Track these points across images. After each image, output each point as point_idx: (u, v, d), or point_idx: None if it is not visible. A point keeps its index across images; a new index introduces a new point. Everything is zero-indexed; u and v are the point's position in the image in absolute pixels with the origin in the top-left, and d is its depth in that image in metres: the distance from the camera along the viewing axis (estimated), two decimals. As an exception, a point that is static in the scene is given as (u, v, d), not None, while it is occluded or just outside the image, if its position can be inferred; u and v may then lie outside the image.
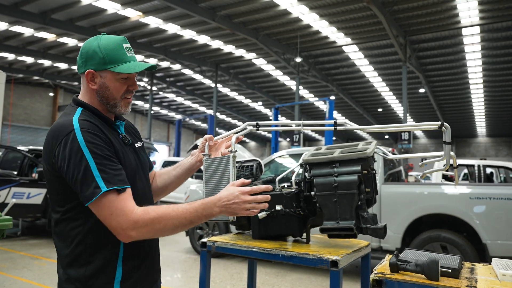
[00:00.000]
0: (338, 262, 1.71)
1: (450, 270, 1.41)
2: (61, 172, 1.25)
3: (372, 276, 1.46)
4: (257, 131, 1.96)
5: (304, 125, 2.03)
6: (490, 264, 1.67)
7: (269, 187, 1.44)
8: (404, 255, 1.60)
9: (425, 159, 2.10)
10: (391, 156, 2.14)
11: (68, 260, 1.32)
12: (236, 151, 1.73)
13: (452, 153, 1.91)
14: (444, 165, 1.94)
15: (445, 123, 1.81)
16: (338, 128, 2.04)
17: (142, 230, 1.23)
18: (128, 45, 1.41)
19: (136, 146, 1.51)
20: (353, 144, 2.13)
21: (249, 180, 1.47)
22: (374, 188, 2.00)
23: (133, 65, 1.37)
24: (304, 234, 2.15)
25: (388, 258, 1.68)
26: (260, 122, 1.97)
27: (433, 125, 1.84)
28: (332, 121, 2.04)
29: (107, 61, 1.34)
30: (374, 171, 2.01)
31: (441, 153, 2.03)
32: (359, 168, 1.91)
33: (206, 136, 1.75)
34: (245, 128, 1.92)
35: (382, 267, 1.55)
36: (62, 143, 1.24)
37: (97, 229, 1.28)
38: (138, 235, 1.23)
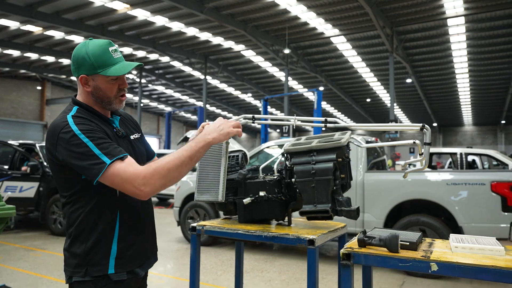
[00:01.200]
0: (315, 240, 1.90)
1: (408, 243, 1.61)
2: (66, 162, 1.42)
3: (342, 251, 1.66)
4: (248, 123, 2.10)
5: (297, 120, 2.20)
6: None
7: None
8: (371, 232, 1.80)
9: (408, 165, 2.22)
10: (364, 145, 2.33)
11: (72, 238, 1.51)
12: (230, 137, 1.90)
13: (417, 141, 2.10)
14: (423, 165, 2.08)
15: (426, 125, 1.95)
16: (328, 125, 2.23)
17: (152, 180, 1.37)
18: (114, 48, 1.53)
19: (132, 138, 1.67)
20: (330, 134, 2.32)
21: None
22: (348, 174, 2.19)
23: (121, 67, 1.51)
24: (286, 218, 2.34)
25: (357, 235, 1.88)
26: (256, 116, 2.14)
27: (415, 126, 1.99)
28: (323, 119, 2.21)
29: (96, 66, 1.47)
30: (348, 159, 2.20)
31: (411, 141, 2.23)
32: (334, 156, 2.09)
33: (203, 123, 1.90)
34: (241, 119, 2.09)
35: (352, 243, 1.75)
36: (61, 137, 1.41)
37: (96, 211, 1.47)
38: (151, 188, 1.37)
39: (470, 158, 10.43)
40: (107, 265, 1.47)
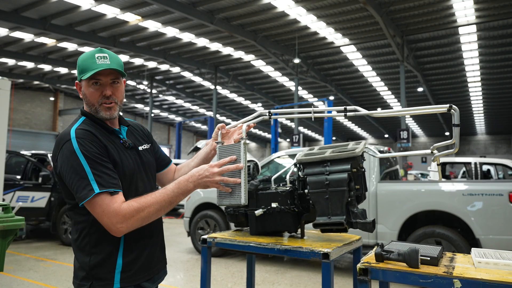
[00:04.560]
0: (329, 254, 1.83)
1: (429, 258, 1.54)
2: (61, 175, 1.42)
3: (358, 265, 1.58)
4: (269, 119, 2.03)
5: (315, 112, 2.12)
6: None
7: (233, 157, 1.60)
8: (389, 246, 1.73)
9: (434, 151, 2.08)
10: (379, 155, 2.26)
11: (77, 249, 1.50)
12: (248, 137, 1.84)
13: (435, 151, 2.03)
14: (454, 148, 1.96)
15: (453, 106, 1.82)
16: (349, 114, 2.10)
17: (130, 221, 1.36)
18: (103, 55, 1.49)
19: (140, 149, 1.65)
20: (344, 144, 2.26)
21: (229, 158, 1.60)
22: (363, 185, 2.12)
23: (94, 70, 1.45)
24: (299, 230, 2.27)
25: (374, 249, 1.80)
26: (272, 111, 2.07)
27: (442, 107, 1.86)
28: (342, 108, 2.10)
29: (80, 71, 1.49)
30: (363, 169, 2.13)
31: (427, 151, 2.16)
32: (349, 166, 2.03)
33: (219, 125, 1.88)
34: (257, 116, 2.03)
35: (369, 258, 1.68)
36: (61, 150, 1.42)
37: (99, 224, 1.42)
38: (128, 227, 1.37)
39: (484, 167, 10.23)
40: (112, 280, 1.44)
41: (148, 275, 1.55)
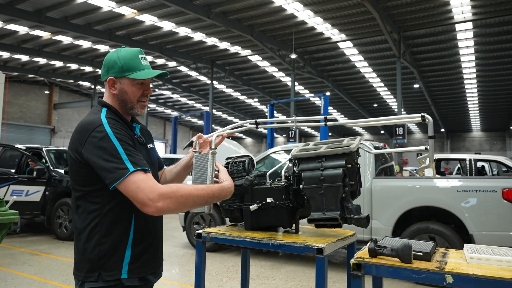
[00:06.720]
0: (323, 249, 1.84)
1: (421, 254, 1.55)
2: (90, 161, 1.41)
3: (352, 261, 1.60)
4: (254, 128, 2.09)
5: (297, 121, 2.17)
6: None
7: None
8: (382, 242, 1.74)
9: (420, 154, 2.14)
10: (374, 151, 2.27)
11: (84, 239, 1.47)
12: (216, 148, 1.92)
13: (429, 147, 2.04)
14: (429, 162, 1.96)
15: (426, 115, 1.81)
16: (329, 123, 2.18)
17: (167, 201, 1.36)
18: (144, 56, 1.61)
19: (148, 147, 1.71)
20: (339, 140, 2.26)
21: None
22: (358, 181, 2.13)
23: (147, 72, 1.57)
24: (294, 225, 2.28)
25: (368, 244, 1.82)
26: (258, 120, 2.11)
27: (415, 117, 1.89)
28: (322, 117, 2.17)
29: (125, 69, 1.55)
30: (358, 165, 2.14)
31: (421, 148, 2.17)
32: (344, 162, 2.03)
33: (198, 134, 1.99)
34: (242, 126, 2.07)
35: (362, 253, 1.69)
36: (91, 136, 1.42)
37: (113, 214, 1.46)
38: (164, 206, 1.35)
39: (479, 164, 10.29)
40: (120, 270, 1.46)
41: (153, 267, 1.59)
